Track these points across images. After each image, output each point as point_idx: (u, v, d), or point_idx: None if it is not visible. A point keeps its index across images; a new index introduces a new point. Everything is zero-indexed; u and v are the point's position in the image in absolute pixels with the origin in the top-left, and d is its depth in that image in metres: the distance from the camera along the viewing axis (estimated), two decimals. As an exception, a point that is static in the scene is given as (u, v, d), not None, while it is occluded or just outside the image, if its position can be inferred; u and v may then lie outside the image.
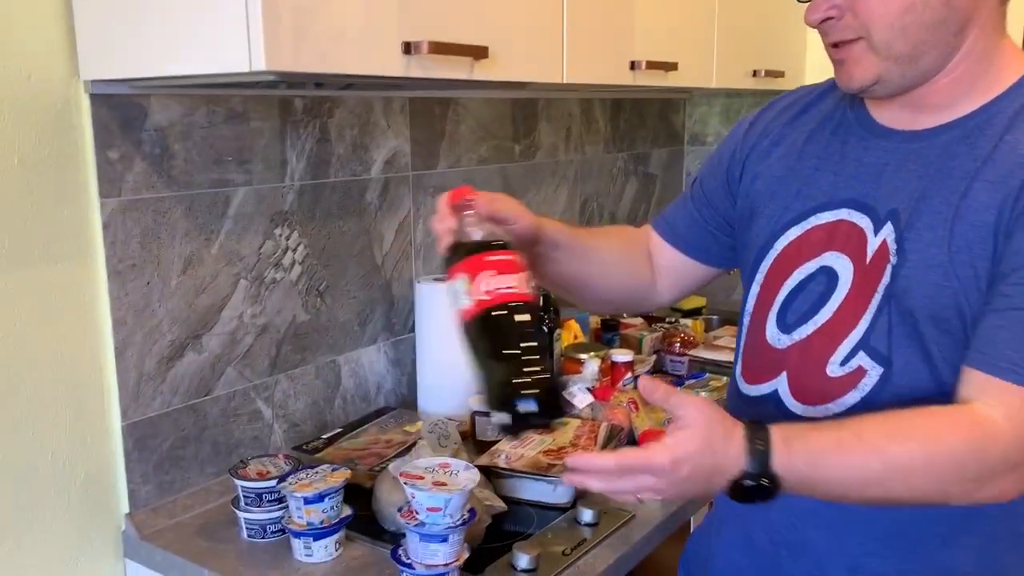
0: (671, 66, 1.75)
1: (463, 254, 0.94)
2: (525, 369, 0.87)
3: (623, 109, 2.43)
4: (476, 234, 0.96)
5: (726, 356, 2.04)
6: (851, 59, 0.97)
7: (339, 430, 1.58)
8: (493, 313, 0.90)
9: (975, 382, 0.91)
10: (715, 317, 2.51)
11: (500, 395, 0.87)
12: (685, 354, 2.09)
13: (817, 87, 1.16)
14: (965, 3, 0.93)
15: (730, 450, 0.87)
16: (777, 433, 0.88)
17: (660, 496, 0.89)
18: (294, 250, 1.54)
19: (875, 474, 0.88)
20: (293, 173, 1.52)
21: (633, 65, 1.66)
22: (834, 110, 1.11)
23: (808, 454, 0.88)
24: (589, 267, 1.17)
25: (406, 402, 1.78)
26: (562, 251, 1.12)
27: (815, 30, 1.01)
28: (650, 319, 2.33)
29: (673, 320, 2.32)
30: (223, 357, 1.45)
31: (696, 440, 0.87)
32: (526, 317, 0.91)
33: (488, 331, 0.90)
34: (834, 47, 0.99)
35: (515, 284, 0.92)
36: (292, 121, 1.51)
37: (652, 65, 1.69)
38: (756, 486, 0.87)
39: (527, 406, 0.85)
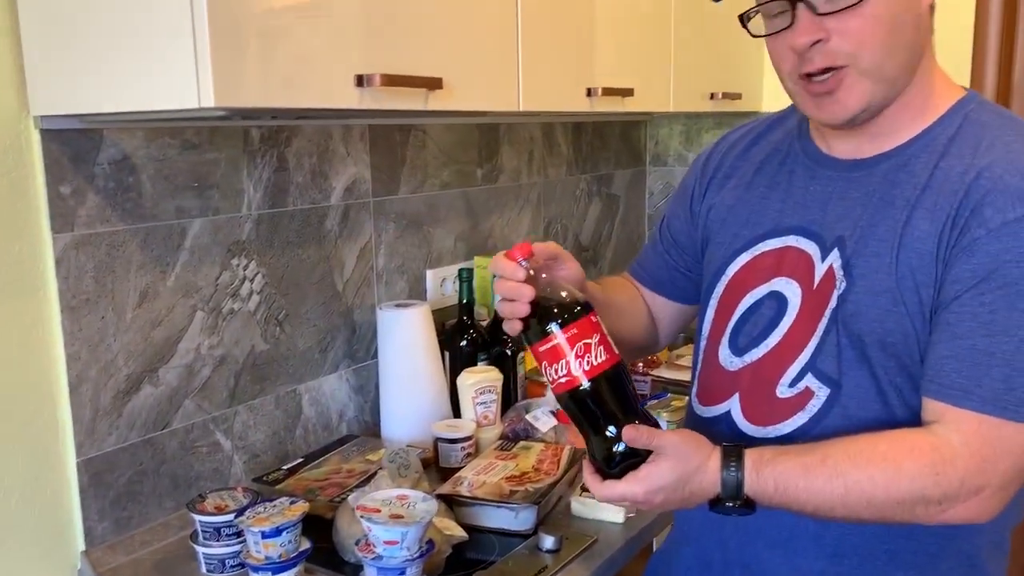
0: (627, 92, 1.77)
1: (551, 320, 0.96)
2: (619, 428, 0.97)
3: (585, 132, 2.45)
4: (547, 290, 0.99)
5: (688, 376, 2.05)
6: (842, 87, 0.95)
7: (300, 460, 1.57)
8: (595, 387, 0.97)
9: (931, 409, 0.94)
10: (680, 335, 2.53)
11: (604, 459, 0.97)
12: (648, 374, 2.10)
13: (767, 120, 1.20)
14: (924, 29, 0.96)
15: (704, 480, 0.95)
16: (750, 459, 0.95)
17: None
18: (252, 280, 1.53)
19: (839, 498, 0.92)
20: (251, 203, 1.52)
21: (589, 92, 1.68)
22: (782, 141, 1.14)
23: (776, 479, 0.93)
24: (615, 316, 1.14)
25: (369, 429, 1.78)
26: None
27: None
28: (615, 339, 2.35)
29: (637, 340, 2.33)
30: (180, 390, 1.44)
31: (669, 474, 0.94)
32: (620, 383, 0.98)
33: (591, 402, 0.97)
34: (817, 77, 0.96)
35: (605, 350, 0.97)
36: (249, 151, 1.51)
37: (608, 91, 1.71)
38: (730, 508, 0.95)
39: (621, 448, 0.97)
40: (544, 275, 1.00)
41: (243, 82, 1.04)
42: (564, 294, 0.99)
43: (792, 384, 1.03)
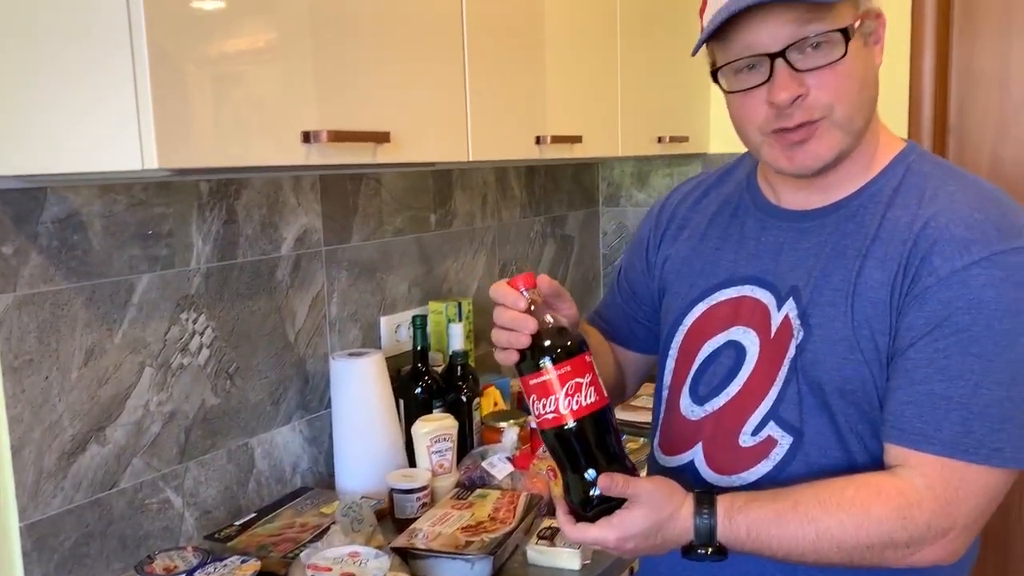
0: (576, 139, 1.80)
1: (546, 354, 0.96)
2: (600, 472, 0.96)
3: (538, 174, 2.47)
4: (546, 323, 0.98)
5: (643, 417, 2.07)
6: (815, 137, 0.97)
7: (253, 515, 1.55)
8: (580, 428, 0.96)
9: (894, 455, 0.96)
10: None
11: (580, 501, 0.97)
12: (605, 416, 2.10)
13: (716, 172, 1.23)
14: (877, 84, 1.00)
15: (677, 527, 0.96)
16: (722, 506, 0.96)
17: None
18: (201, 334, 1.52)
19: (810, 543, 0.94)
20: (200, 256, 1.51)
21: (539, 139, 1.70)
22: (732, 193, 1.16)
23: (749, 526, 0.95)
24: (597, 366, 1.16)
25: (324, 480, 1.76)
26: None
27: (719, 96, 1.03)
28: (571, 380, 2.35)
29: (594, 381, 2.34)
30: (128, 448, 1.41)
31: (642, 521, 0.95)
32: (605, 426, 0.98)
33: (575, 443, 0.96)
34: (795, 130, 0.97)
35: (595, 391, 0.97)
36: (198, 205, 1.50)
37: (557, 139, 1.73)
38: (704, 554, 0.96)
39: (598, 492, 0.96)
40: (543, 308, 0.99)
41: (187, 142, 1.04)
42: (561, 330, 0.98)
43: (755, 433, 1.04)
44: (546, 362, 0.95)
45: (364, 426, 1.68)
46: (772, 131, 0.98)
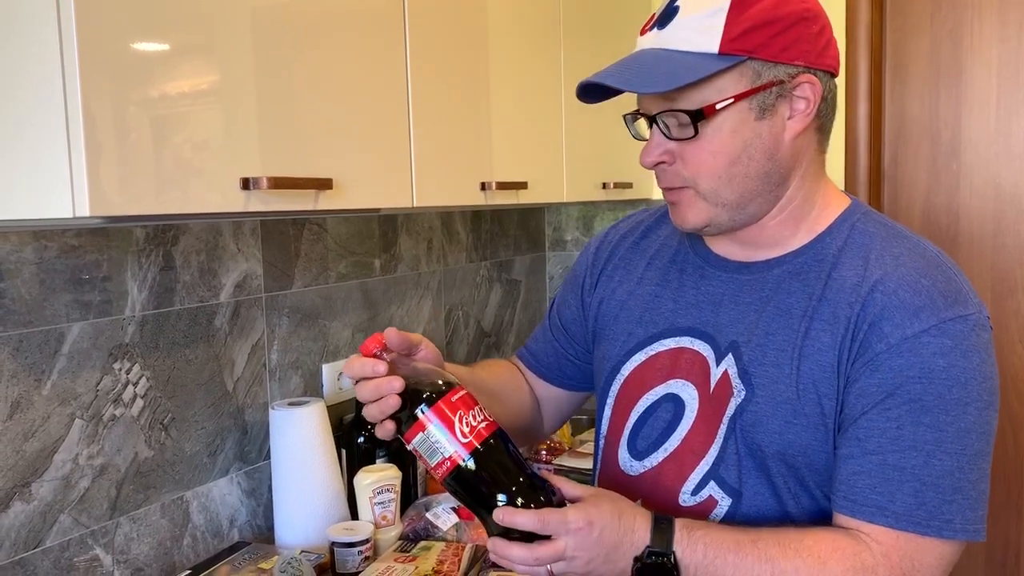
0: (521, 185, 1.80)
1: (420, 403, 0.93)
2: (512, 495, 0.93)
3: (484, 219, 2.47)
4: (409, 378, 0.95)
5: (590, 463, 2.05)
6: (683, 203, 1.00)
7: (188, 572, 1.49)
8: (480, 457, 0.92)
9: (846, 524, 0.94)
10: (584, 417, 2.53)
11: (501, 533, 0.92)
12: (551, 462, 2.09)
13: (654, 212, 1.20)
14: (787, 157, 0.98)
15: (636, 524, 0.93)
16: (680, 520, 0.94)
17: (570, 567, 0.91)
18: (135, 384, 1.47)
19: None
20: (134, 304, 1.47)
21: (484, 186, 1.70)
22: (670, 236, 1.15)
23: (707, 544, 0.92)
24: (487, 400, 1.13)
25: (263, 534, 1.71)
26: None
27: None
28: (518, 426, 2.33)
29: (540, 426, 2.32)
30: (55, 504, 1.35)
31: (606, 507, 0.92)
32: (502, 450, 0.94)
33: (481, 474, 0.93)
34: (667, 190, 1.01)
35: (481, 420, 0.94)
36: (133, 251, 1.46)
37: (503, 185, 1.73)
38: (657, 564, 0.91)
39: None
40: (402, 362, 0.98)
41: (120, 190, 1.01)
42: (425, 377, 0.96)
43: (694, 492, 1.03)
44: (423, 410, 0.92)
45: (304, 477, 1.64)
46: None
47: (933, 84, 2.35)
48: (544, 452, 2.13)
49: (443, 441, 0.92)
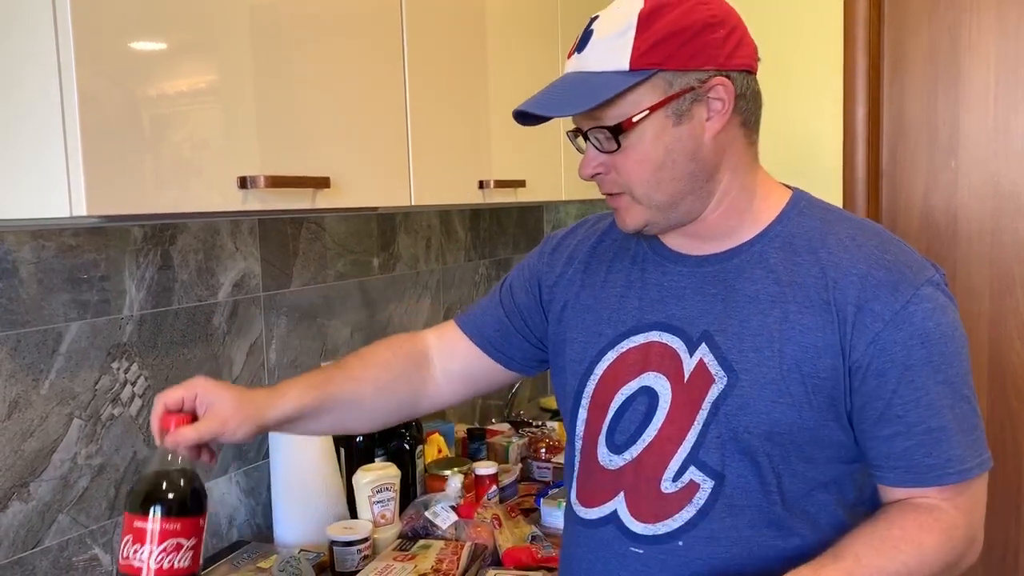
0: (520, 183, 1.80)
1: (161, 503, 0.93)
2: None
3: (483, 217, 2.47)
4: (176, 467, 0.97)
5: (590, 462, 2.05)
6: (622, 208, 1.06)
7: (187, 571, 1.49)
8: None
9: (911, 496, 1.03)
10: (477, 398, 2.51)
11: None
12: (550, 460, 2.09)
13: (607, 216, 1.22)
14: (709, 155, 1.03)
15: None
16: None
17: None
18: (133, 383, 1.47)
19: None
20: (132, 303, 1.46)
21: (482, 184, 1.70)
22: (627, 238, 1.17)
23: None
24: (345, 410, 1.18)
25: (261, 534, 1.71)
26: (309, 414, 1.13)
27: None
28: (517, 424, 2.33)
29: (540, 424, 2.33)
30: (54, 504, 1.35)
31: None
32: None
33: None
34: (607, 196, 1.07)
35: (191, 558, 0.94)
36: (131, 251, 1.46)
37: (501, 184, 1.73)
38: None
39: None
40: (179, 448, 0.99)
41: (118, 189, 1.01)
42: (187, 480, 0.96)
43: (675, 479, 1.05)
44: (157, 511, 0.92)
45: (303, 477, 1.64)
46: None
47: (931, 82, 2.35)
48: (544, 450, 2.13)
49: (148, 549, 0.92)
